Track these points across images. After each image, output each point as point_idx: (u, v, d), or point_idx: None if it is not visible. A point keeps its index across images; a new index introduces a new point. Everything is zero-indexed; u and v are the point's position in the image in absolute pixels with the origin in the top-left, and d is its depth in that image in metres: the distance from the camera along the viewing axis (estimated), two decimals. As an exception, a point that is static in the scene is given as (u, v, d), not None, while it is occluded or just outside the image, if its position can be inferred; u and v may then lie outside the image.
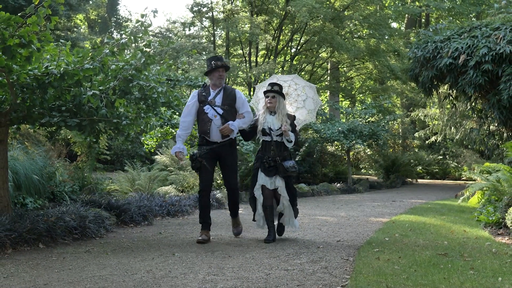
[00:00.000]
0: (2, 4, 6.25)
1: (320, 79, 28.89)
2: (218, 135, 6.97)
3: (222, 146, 7.04)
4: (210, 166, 7.03)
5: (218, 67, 7.07)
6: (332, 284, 4.74)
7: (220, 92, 7.12)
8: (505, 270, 5.29)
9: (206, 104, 7.03)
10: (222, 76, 7.17)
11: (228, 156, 7.14)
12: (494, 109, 12.15)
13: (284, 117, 7.06)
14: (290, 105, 7.67)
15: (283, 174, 6.98)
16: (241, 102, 7.17)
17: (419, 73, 13.69)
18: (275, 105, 7.08)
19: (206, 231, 7.03)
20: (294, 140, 7.11)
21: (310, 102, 7.74)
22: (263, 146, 7.21)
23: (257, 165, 7.15)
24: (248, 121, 7.19)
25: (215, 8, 26.60)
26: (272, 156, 7.03)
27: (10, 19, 5.46)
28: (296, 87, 7.75)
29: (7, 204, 6.57)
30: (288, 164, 7.00)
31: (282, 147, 7.11)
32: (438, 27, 13.76)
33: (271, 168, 7.01)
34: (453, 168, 25.90)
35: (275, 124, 7.06)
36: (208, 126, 6.98)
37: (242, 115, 7.13)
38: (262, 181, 7.02)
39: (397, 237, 7.40)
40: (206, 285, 4.67)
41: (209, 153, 7.03)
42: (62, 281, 4.78)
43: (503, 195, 9.05)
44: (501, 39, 11.37)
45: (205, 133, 7.01)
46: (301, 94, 7.73)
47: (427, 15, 31.29)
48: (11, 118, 6.51)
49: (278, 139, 7.09)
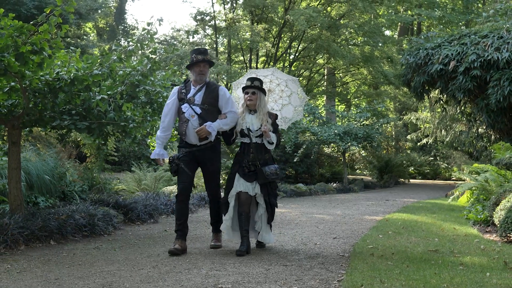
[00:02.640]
0: (15, 13, 6.26)
1: (317, 84, 28.92)
2: (195, 137, 6.01)
3: (202, 150, 6.09)
4: (188, 170, 6.08)
5: (199, 61, 6.11)
6: (328, 279, 4.74)
7: (201, 89, 6.13)
8: (493, 265, 5.29)
9: (185, 102, 6.11)
10: (204, 71, 6.16)
11: (209, 162, 6.18)
12: (483, 113, 12.18)
13: (264, 116, 6.09)
14: (275, 102, 6.75)
15: (262, 180, 5.97)
16: (224, 100, 6.13)
17: (411, 79, 13.73)
18: (255, 103, 6.11)
19: (180, 241, 5.98)
20: (275, 142, 6.15)
21: (296, 97, 6.80)
22: (241, 149, 6.21)
23: (235, 169, 6.13)
24: (231, 123, 6.12)
25: (217, 17, 26.64)
26: (252, 159, 6.05)
27: (22, 27, 5.47)
28: (278, 81, 6.76)
29: (20, 203, 6.57)
30: (268, 169, 5.99)
31: (263, 150, 6.13)
32: (429, 35, 13.80)
33: (251, 173, 6.03)
34: (443, 169, 25.89)
35: (255, 124, 6.09)
36: (184, 127, 6.06)
37: (224, 115, 6.09)
38: (241, 187, 6.01)
39: (390, 234, 7.39)
40: (209, 280, 4.67)
41: (188, 156, 6.11)
42: (72, 276, 4.78)
43: (491, 194, 9.05)
44: (489, 46, 11.40)
45: (182, 134, 6.12)
46: (285, 90, 6.76)
47: (418, 23, 31.29)
48: (23, 121, 6.51)
49: (258, 141, 6.11)
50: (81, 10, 19.02)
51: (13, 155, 6.49)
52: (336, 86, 28.94)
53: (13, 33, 5.44)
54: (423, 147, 26.77)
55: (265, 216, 6.11)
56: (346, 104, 32.26)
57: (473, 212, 8.80)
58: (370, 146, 19.63)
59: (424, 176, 26.34)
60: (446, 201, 12.70)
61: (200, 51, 6.22)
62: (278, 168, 6.11)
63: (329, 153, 21.73)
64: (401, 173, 22.23)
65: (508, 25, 11.79)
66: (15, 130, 6.48)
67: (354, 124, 18.63)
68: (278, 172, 6.07)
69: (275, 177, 6.03)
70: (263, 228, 6.11)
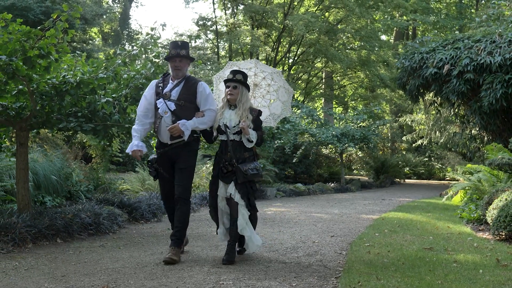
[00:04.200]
0: (23, 19, 6.26)
1: (316, 87, 28.92)
2: (167, 135, 5.41)
3: (174, 149, 5.47)
4: (167, 173, 5.52)
5: (173, 56, 5.49)
6: (326, 276, 4.74)
7: (179, 84, 5.50)
8: (486, 263, 5.29)
9: (160, 97, 5.49)
10: (180, 67, 5.49)
11: (181, 157, 5.48)
12: (476, 115, 12.18)
13: (245, 112, 5.41)
14: (263, 97, 6.07)
15: (242, 179, 5.29)
16: (203, 97, 5.47)
17: (407, 82, 13.74)
18: (236, 97, 5.44)
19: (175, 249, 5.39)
20: (256, 140, 5.43)
21: (283, 92, 6.06)
22: (220, 147, 5.58)
23: (215, 171, 5.53)
24: (208, 121, 5.48)
25: (218, 22, 26.65)
26: (229, 159, 5.39)
27: (30, 32, 5.48)
28: (263, 75, 6.00)
29: (27, 202, 6.57)
30: (247, 166, 5.35)
31: (242, 148, 5.45)
32: (424, 40, 13.81)
33: (229, 174, 5.36)
34: (437, 169, 25.89)
35: (233, 120, 5.42)
36: (157, 124, 5.49)
37: (202, 113, 5.45)
38: (221, 191, 5.44)
39: (386, 232, 7.40)
40: (211, 276, 4.67)
41: (163, 158, 5.53)
42: (78, 273, 4.78)
43: (484, 194, 9.05)
44: (482, 50, 11.40)
45: (155, 131, 5.58)
46: (271, 84, 6.02)
47: (414, 28, 31.31)
48: (31, 123, 6.52)
49: (236, 138, 5.43)
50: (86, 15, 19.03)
51: (21, 156, 6.49)
52: (334, 89, 28.94)
53: (21, 38, 5.46)
54: (418, 148, 26.77)
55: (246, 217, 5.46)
56: (344, 107, 32.25)
57: (467, 211, 8.80)
58: (367, 147, 19.63)
59: (419, 176, 26.33)
60: (440, 201, 12.70)
61: (176, 45, 5.56)
62: (258, 165, 5.46)
63: (327, 154, 21.74)
64: (396, 173, 22.24)
65: (500, 30, 11.79)
66: (23, 132, 6.49)
67: (351, 126, 18.65)
68: (259, 169, 5.43)
69: (256, 173, 5.37)
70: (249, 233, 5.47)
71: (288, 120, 14.94)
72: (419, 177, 26.33)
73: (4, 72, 5.51)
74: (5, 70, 5.47)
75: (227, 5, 26.47)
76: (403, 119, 24.12)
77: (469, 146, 17.89)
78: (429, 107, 17.61)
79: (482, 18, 14.46)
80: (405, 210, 10.72)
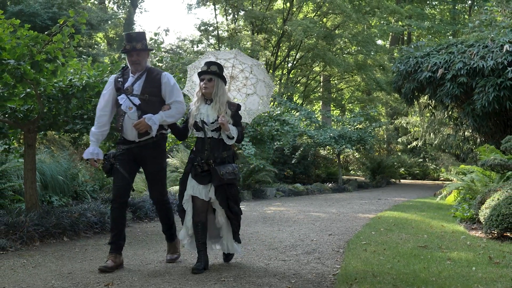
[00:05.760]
0: (30, 24, 6.26)
1: (314, 90, 28.91)
2: (133, 132, 4.85)
3: (142, 147, 4.92)
4: (125, 170, 4.89)
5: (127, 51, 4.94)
6: (324, 273, 4.74)
7: (141, 77, 4.95)
8: (478, 260, 5.29)
9: (122, 93, 4.93)
10: (137, 61, 4.93)
11: (150, 160, 4.97)
12: (469, 117, 12.18)
13: (222, 106, 4.85)
14: (238, 91, 5.52)
15: (217, 182, 4.76)
16: (168, 89, 4.93)
17: (402, 85, 13.73)
18: (211, 91, 4.87)
19: (114, 256, 4.84)
20: (237, 137, 4.91)
21: (262, 86, 5.48)
22: (196, 145, 4.99)
23: (187, 169, 4.97)
24: (176, 114, 4.94)
25: (220, 28, 26.64)
26: (206, 157, 4.82)
27: (37, 37, 5.49)
28: (242, 67, 5.43)
29: (35, 202, 6.57)
30: (223, 169, 4.78)
31: (221, 146, 4.89)
32: (418, 44, 13.81)
33: (205, 173, 4.82)
34: (432, 170, 25.88)
35: (210, 115, 4.86)
36: (121, 121, 4.92)
37: (168, 106, 4.92)
38: (193, 190, 4.86)
39: (382, 231, 7.39)
40: (212, 273, 4.66)
41: (126, 154, 4.94)
42: (84, 270, 4.78)
43: (477, 193, 9.05)
44: (475, 55, 11.40)
45: (118, 129, 5.00)
46: (249, 77, 5.46)
47: (409, 33, 31.32)
48: (39, 125, 6.52)
49: (214, 135, 4.87)
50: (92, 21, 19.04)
51: (29, 157, 6.50)
52: (332, 92, 28.92)
53: (28, 43, 5.46)
54: (413, 150, 26.75)
55: (228, 226, 5.02)
56: (341, 109, 32.24)
57: (460, 210, 8.80)
58: (363, 149, 19.66)
59: (414, 177, 26.32)
60: (434, 200, 12.70)
61: (130, 38, 4.92)
62: (236, 168, 4.91)
63: (325, 155, 21.73)
64: (392, 174, 22.23)
65: (493, 35, 11.79)
66: (30, 134, 6.49)
67: (348, 128, 18.65)
68: (236, 172, 4.87)
69: (232, 177, 4.82)
70: (229, 240, 5.02)
71: (287, 122, 14.95)
72: (414, 178, 26.32)
73: (13, 76, 5.52)
74: (13, 74, 5.48)
75: (228, 11, 26.47)
76: (399, 121, 24.12)
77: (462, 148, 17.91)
78: (423, 110, 17.62)
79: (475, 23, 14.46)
80: (400, 209, 10.72)
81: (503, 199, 6.69)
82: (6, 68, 5.43)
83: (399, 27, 27.12)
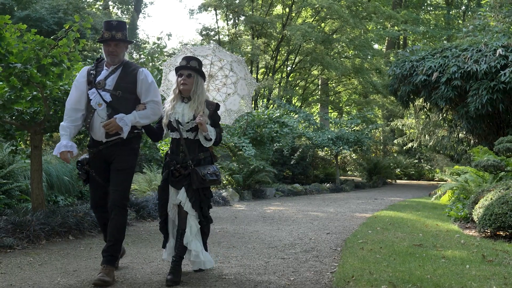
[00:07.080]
0: (37, 29, 6.27)
1: (312, 93, 28.93)
2: (101, 132, 4.26)
3: (110, 147, 4.33)
4: (100, 177, 4.39)
5: (107, 40, 4.32)
6: (322, 271, 4.74)
7: (115, 71, 4.35)
8: (472, 258, 5.29)
9: (92, 87, 4.31)
10: (116, 52, 4.34)
11: (117, 158, 4.33)
12: (463, 119, 12.20)
13: (200, 105, 4.32)
14: (218, 91, 5.04)
15: (198, 185, 4.26)
16: (145, 86, 4.33)
17: (398, 88, 13.75)
18: (190, 88, 4.34)
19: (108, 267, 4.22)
20: (215, 138, 4.39)
21: (243, 84, 5.01)
22: (171, 146, 4.48)
23: (165, 175, 4.44)
24: (151, 115, 4.36)
25: (221, 32, 26.66)
26: (181, 160, 4.34)
27: (44, 42, 5.50)
28: (221, 64, 4.96)
29: (41, 202, 6.57)
30: (205, 169, 4.30)
31: (197, 147, 4.39)
32: (414, 48, 13.83)
33: (181, 178, 4.32)
34: (427, 171, 25.86)
35: (186, 114, 4.34)
36: (89, 118, 4.31)
37: (143, 105, 4.33)
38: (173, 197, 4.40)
39: (379, 230, 7.39)
40: (213, 271, 4.67)
41: (97, 158, 4.40)
42: (89, 268, 4.78)
43: (470, 193, 9.05)
44: (469, 58, 11.42)
45: (86, 127, 4.38)
46: (229, 75, 4.99)
47: (404, 38, 31.34)
48: (45, 127, 6.52)
49: (190, 136, 4.37)
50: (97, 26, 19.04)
51: (35, 158, 6.50)
52: (329, 95, 28.93)
53: (35, 47, 5.47)
54: (408, 151, 26.74)
55: (198, 232, 4.46)
56: (339, 112, 32.25)
57: (454, 210, 8.80)
58: (360, 150, 19.66)
59: (409, 177, 26.31)
60: (429, 200, 12.70)
61: (110, 26, 4.32)
62: (217, 170, 4.41)
63: (323, 156, 21.73)
64: (388, 174, 22.24)
65: (486, 39, 11.81)
66: (37, 135, 6.49)
67: (346, 129, 18.65)
68: (218, 174, 4.39)
69: (215, 178, 4.32)
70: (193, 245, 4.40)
71: (287, 124, 14.97)
72: (409, 178, 26.31)
73: (20, 79, 5.52)
74: (20, 77, 5.49)
75: (229, 16, 26.48)
76: (395, 123, 24.10)
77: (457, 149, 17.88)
78: (419, 112, 17.62)
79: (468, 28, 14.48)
80: (396, 209, 10.72)
81: (496, 199, 6.69)
82: (13, 71, 5.44)
83: (395, 31, 27.15)
